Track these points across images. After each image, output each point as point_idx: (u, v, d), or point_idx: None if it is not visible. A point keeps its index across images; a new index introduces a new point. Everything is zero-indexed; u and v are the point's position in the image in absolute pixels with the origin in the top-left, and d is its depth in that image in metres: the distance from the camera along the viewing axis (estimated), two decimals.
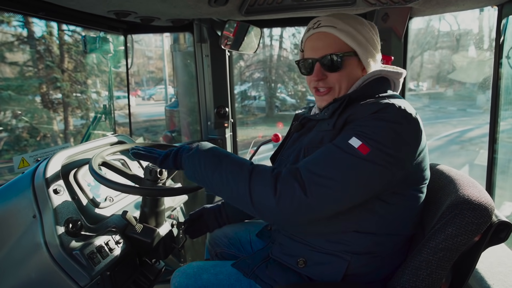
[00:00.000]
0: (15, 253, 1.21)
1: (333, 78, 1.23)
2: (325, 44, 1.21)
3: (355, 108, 1.13)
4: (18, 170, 1.75)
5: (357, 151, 1.03)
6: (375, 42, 1.25)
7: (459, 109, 15.22)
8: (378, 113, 1.07)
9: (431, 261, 1.07)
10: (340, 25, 1.19)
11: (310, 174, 1.03)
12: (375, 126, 1.05)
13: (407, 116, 1.08)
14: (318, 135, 1.19)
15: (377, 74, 1.23)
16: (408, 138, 1.07)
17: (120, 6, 1.79)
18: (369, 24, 1.26)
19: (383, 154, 1.03)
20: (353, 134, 1.06)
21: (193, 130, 3.17)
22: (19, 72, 9.06)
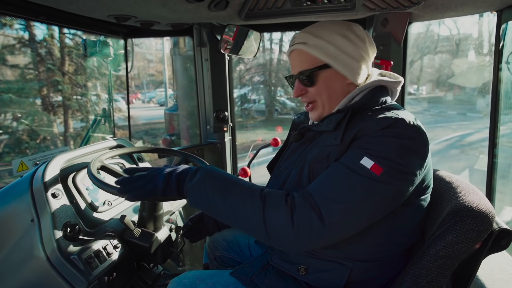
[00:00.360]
0: (12, 257, 1.20)
1: (312, 93, 1.24)
2: (299, 61, 1.24)
3: (363, 122, 1.11)
4: (17, 173, 1.75)
5: (370, 172, 1.01)
6: (357, 50, 1.20)
7: (459, 113, 15.23)
8: (388, 129, 1.05)
9: (431, 268, 1.06)
10: (311, 40, 1.20)
11: (326, 202, 1.01)
12: (386, 143, 1.04)
13: (417, 131, 1.07)
14: (324, 151, 1.16)
15: (376, 84, 1.22)
16: (419, 152, 1.07)
17: (120, 11, 1.79)
18: (353, 31, 1.22)
19: (397, 172, 1.02)
20: (364, 153, 1.04)
21: (193, 134, 3.16)
22: (20, 75, 9.07)
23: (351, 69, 1.20)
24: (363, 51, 1.21)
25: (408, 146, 1.04)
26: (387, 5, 1.86)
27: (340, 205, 1.00)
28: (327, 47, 1.19)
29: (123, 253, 1.34)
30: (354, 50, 1.19)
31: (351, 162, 1.04)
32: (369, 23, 2.20)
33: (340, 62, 1.19)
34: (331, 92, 1.22)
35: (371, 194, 1.01)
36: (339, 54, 1.19)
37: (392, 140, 1.04)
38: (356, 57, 1.20)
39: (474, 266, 1.10)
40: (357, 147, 1.07)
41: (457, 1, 1.68)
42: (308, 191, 1.06)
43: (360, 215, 1.02)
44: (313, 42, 1.20)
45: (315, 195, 1.03)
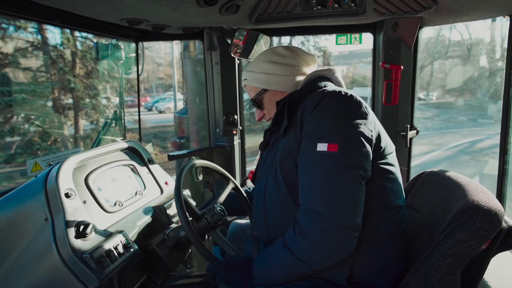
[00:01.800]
0: (26, 255, 1.23)
1: (266, 112, 1.50)
2: (248, 93, 1.54)
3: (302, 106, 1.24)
4: (31, 173, 1.78)
5: (329, 153, 1.12)
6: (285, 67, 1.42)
7: (469, 119, 15.05)
8: (319, 106, 1.18)
9: (441, 266, 1.07)
10: (248, 75, 1.49)
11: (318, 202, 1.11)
12: (324, 120, 1.17)
13: (344, 97, 1.19)
14: (286, 145, 1.27)
15: (311, 75, 1.40)
16: (356, 114, 1.17)
17: (132, 15, 1.82)
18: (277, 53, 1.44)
19: (349, 139, 1.14)
20: (314, 140, 1.15)
21: (202, 137, 3.18)
22: (32, 77, 9.22)
23: (285, 84, 1.42)
24: (291, 64, 1.43)
25: (342, 112, 1.17)
26: (397, 9, 1.86)
27: (328, 197, 1.10)
28: (258, 77, 1.45)
29: (135, 254, 1.36)
30: (282, 69, 1.42)
31: (311, 155, 1.16)
32: (379, 27, 2.21)
33: (272, 83, 1.43)
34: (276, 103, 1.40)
35: (342, 170, 1.11)
36: (269, 78, 1.43)
37: (327, 115, 1.17)
38: (286, 73, 1.42)
39: (483, 265, 1.11)
40: (306, 136, 1.19)
41: (469, 5, 1.67)
42: (302, 204, 1.17)
43: (349, 191, 1.11)
44: (249, 76, 1.48)
45: (307, 204, 1.14)
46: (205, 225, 1.44)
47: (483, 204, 1.08)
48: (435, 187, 1.40)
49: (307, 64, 1.46)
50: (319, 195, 1.11)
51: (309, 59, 1.47)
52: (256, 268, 1.25)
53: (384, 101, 2.24)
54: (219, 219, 1.44)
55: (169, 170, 2.46)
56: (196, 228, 1.37)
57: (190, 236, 1.31)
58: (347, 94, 1.20)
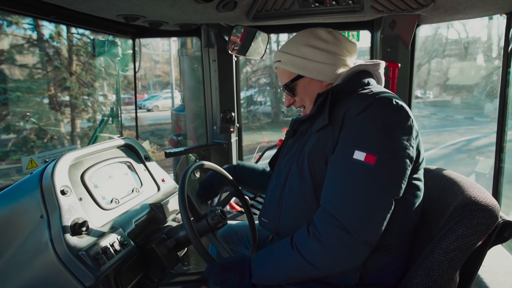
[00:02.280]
0: (22, 253, 1.22)
1: (298, 100, 1.40)
2: (280, 77, 1.42)
3: (346, 104, 1.17)
4: (27, 170, 1.77)
5: (366, 164, 1.06)
6: (326, 54, 1.30)
7: (466, 118, 15.11)
8: (367, 111, 1.11)
9: (443, 261, 1.10)
10: (282, 57, 1.36)
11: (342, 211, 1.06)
12: (368, 128, 1.10)
13: (395, 108, 1.12)
14: (320, 139, 1.21)
15: (355, 69, 1.30)
16: (402, 128, 1.11)
17: (129, 10, 1.81)
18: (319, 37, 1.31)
19: (389, 153, 1.08)
20: (353, 147, 1.09)
21: (199, 134, 3.18)
22: (28, 74, 9.17)
23: (324, 73, 1.31)
24: (334, 52, 1.31)
25: (389, 124, 1.10)
26: (395, 7, 1.86)
27: (354, 208, 1.05)
28: (296, 61, 1.33)
29: (131, 251, 1.36)
30: (322, 55, 1.30)
31: (346, 161, 1.10)
32: (377, 25, 2.20)
33: (310, 70, 1.31)
34: (312, 97, 1.33)
35: (375, 184, 1.06)
36: (307, 64, 1.31)
37: (372, 123, 1.10)
38: (326, 61, 1.30)
39: (479, 259, 1.14)
40: (345, 140, 1.13)
41: (466, 3, 1.67)
42: (323, 207, 1.11)
43: (378, 207, 1.06)
44: (284, 59, 1.35)
45: (329, 209, 1.08)
46: (205, 226, 1.43)
47: (480, 200, 1.11)
48: (429, 184, 1.42)
49: (349, 54, 1.34)
50: (345, 203, 1.06)
51: (351, 48, 1.35)
52: (256, 268, 1.21)
53: None
54: (219, 221, 1.43)
55: (166, 168, 2.45)
56: (195, 228, 1.35)
57: (191, 238, 1.29)
58: (398, 104, 1.12)
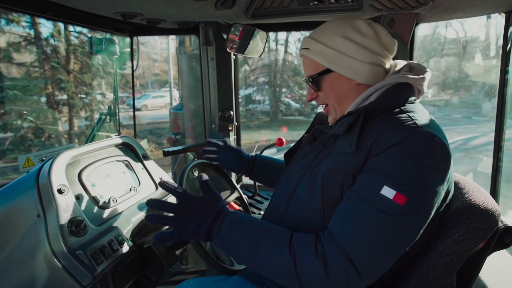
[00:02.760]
0: (18, 252, 1.21)
1: (321, 96, 1.23)
2: (305, 66, 1.24)
3: (378, 127, 1.05)
4: (23, 169, 1.76)
5: (394, 204, 0.94)
6: (361, 50, 1.14)
7: (464, 117, 15.15)
8: (403, 145, 0.98)
9: (438, 265, 1.07)
10: (312, 45, 1.18)
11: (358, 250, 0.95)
12: (404, 164, 0.97)
13: (437, 145, 0.99)
14: (340, 161, 1.08)
15: (394, 81, 1.14)
16: (440, 169, 1.00)
17: (126, 8, 1.80)
18: (357, 30, 1.15)
19: (421, 196, 0.97)
20: (383, 181, 0.96)
21: (197, 133, 3.17)
22: (25, 73, 9.14)
23: (355, 70, 1.14)
24: (371, 49, 1.14)
25: (427, 164, 0.97)
26: (394, 5, 1.85)
27: (373, 250, 0.95)
28: (327, 52, 1.15)
29: (129, 250, 1.35)
30: (357, 51, 1.13)
31: (371, 194, 0.97)
32: None
33: (341, 66, 1.14)
34: (338, 95, 1.19)
35: (399, 228, 0.96)
36: (339, 57, 1.14)
37: (409, 161, 0.96)
38: (360, 58, 1.13)
39: (478, 264, 1.11)
40: (374, 172, 1.00)
41: (465, 2, 1.67)
42: (336, 238, 0.98)
43: (395, 251, 0.98)
44: (314, 47, 1.18)
45: (343, 242, 0.96)
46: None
47: (480, 204, 1.08)
48: None
49: (388, 54, 1.18)
50: (361, 241, 0.95)
51: (391, 47, 1.18)
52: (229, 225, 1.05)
53: None
54: None
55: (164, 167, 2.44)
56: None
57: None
58: (440, 142, 1.00)
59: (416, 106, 1.14)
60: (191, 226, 1.06)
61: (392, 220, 0.94)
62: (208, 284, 1.23)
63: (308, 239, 1.01)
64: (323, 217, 1.10)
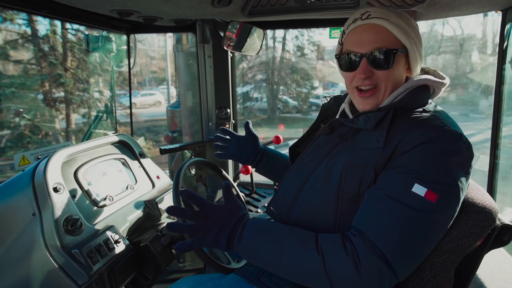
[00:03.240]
0: (13, 251, 1.21)
1: (380, 76, 1.11)
2: (376, 37, 1.09)
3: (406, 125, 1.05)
4: (19, 167, 1.75)
5: (425, 201, 0.95)
6: (421, 43, 1.16)
7: (461, 114, 15.19)
8: (434, 143, 0.98)
9: (435, 263, 1.07)
10: (393, 18, 1.09)
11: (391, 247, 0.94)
12: (434, 161, 0.98)
13: (463, 143, 1.01)
14: (362, 156, 1.07)
15: (420, 83, 1.15)
16: (465, 166, 1.01)
17: (123, 6, 1.79)
18: (415, 23, 1.15)
19: (450, 194, 0.98)
20: (413, 178, 0.96)
21: (194, 131, 3.17)
22: (22, 70, 9.10)
23: (418, 60, 1.15)
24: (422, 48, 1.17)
25: (455, 162, 0.99)
26: (391, 3, 1.85)
27: (406, 247, 0.95)
28: (409, 31, 1.10)
29: (126, 249, 1.35)
30: (421, 43, 1.15)
31: (401, 191, 0.97)
32: None
33: (415, 50, 1.12)
34: (397, 80, 1.14)
35: (430, 225, 0.96)
36: (416, 42, 1.12)
37: (439, 159, 0.98)
38: (421, 51, 1.15)
39: (476, 261, 1.12)
40: (403, 170, 0.99)
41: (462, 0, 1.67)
42: (367, 236, 0.97)
43: (426, 247, 0.98)
44: (396, 21, 1.09)
45: (375, 240, 0.95)
46: None
47: (478, 202, 1.08)
48: None
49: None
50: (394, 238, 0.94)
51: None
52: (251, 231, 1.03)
53: None
54: None
55: (161, 164, 2.44)
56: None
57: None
58: (466, 141, 1.01)
59: (438, 107, 1.16)
60: (212, 233, 1.04)
61: (424, 217, 0.95)
62: (205, 282, 1.23)
63: (334, 238, 1.00)
64: (336, 209, 1.09)
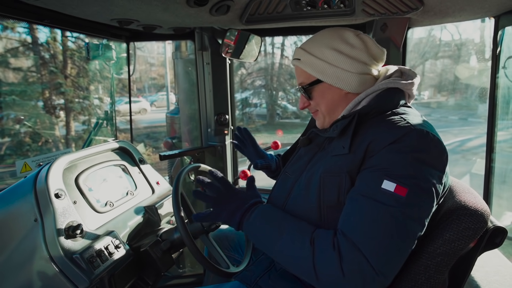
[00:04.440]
0: (16, 257, 1.23)
1: (313, 104, 1.28)
2: (297, 75, 1.29)
3: (372, 130, 1.09)
4: (20, 174, 1.77)
5: (395, 195, 0.98)
6: (350, 60, 1.18)
7: (460, 118, 15.23)
8: (401, 143, 1.02)
9: (429, 266, 1.09)
10: (303, 56, 1.24)
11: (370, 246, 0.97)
12: (401, 159, 1.01)
13: (431, 141, 1.04)
14: (337, 162, 1.12)
15: (384, 87, 1.19)
16: (435, 164, 1.04)
17: (123, 15, 1.82)
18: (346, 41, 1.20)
19: (420, 189, 1.00)
20: (382, 176, 1.01)
21: (193, 137, 3.18)
22: (23, 78, 9.13)
23: (344, 81, 1.19)
24: (360, 59, 1.19)
25: (424, 159, 1.02)
26: (386, 10, 1.88)
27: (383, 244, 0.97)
28: (317, 63, 1.21)
29: (126, 254, 1.37)
30: (346, 62, 1.18)
31: (373, 190, 1.01)
32: (368, 28, 2.23)
33: (331, 76, 1.20)
34: (328, 104, 1.24)
35: (402, 219, 0.98)
36: (329, 68, 1.19)
37: (406, 156, 1.01)
38: (349, 68, 1.18)
39: (469, 264, 1.14)
40: (373, 169, 1.04)
41: (455, 7, 1.70)
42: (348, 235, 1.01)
43: (404, 243, 0.99)
44: (305, 58, 1.23)
45: (355, 239, 0.99)
46: (199, 228, 1.44)
47: (470, 205, 1.10)
48: None
49: (376, 63, 1.23)
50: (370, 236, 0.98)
51: (379, 55, 1.23)
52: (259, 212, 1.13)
53: None
54: (213, 223, 1.44)
55: (161, 171, 2.46)
56: (189, 230, 1.34)
57: (185, 240, 1.28)
58: (434, 137, 1.05)
59: (408, 109, 1.19)
60: (229, 208, 1.16)
61: (396, 212, 0.97)
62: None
63: (328, 233, 1.04)
64: (320, 218, 1.12)
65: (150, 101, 21.31)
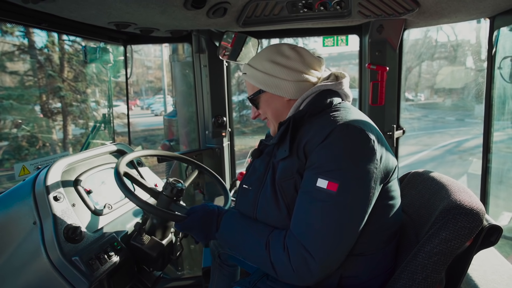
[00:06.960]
0: (15, 259, 1.22)
1: (261, 113, 1.41)
2: (247, 88, 1.43)
3: (308, 132, 1.19)
4: (19, 177, 1.77)
5: (328, 192, 1.08)
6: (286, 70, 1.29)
7: (457, 119, 15.28)
8: (327, 140, 1.12)
9: (427, 265, 1.10)
10: (248, 70, 1.37)
11: (308, 238, 1.09)
12: (329, 155, 1.11)
13: (355, 132, 1.12)
14: (286, 167, 1.21)
15: (316, 90, 1.29)
16: (364, 152, 1.11)
17: (120, 18, 1.83)
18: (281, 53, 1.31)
19: (351, 180, 1.09)
20: (316, 174, 1.11)
21: (191, 139, 3.19)
22: (20, 82, 9.11)
23: (284, 89, 1.31)
24: (296, 69, 1.30)
25: (349, 150, 1.10)
26: (382, 12, 1.90)
27: (320, 236, 1.08)
28: (259, 75, 1.33)
29: (124, 256, 1.37)
30: (284, 72, 1.30)
31: (310, 188, 1.12)
32: (365, 29, 2.24)
33: (271, 86, 1.31)
34: (274, 111, 1.36)
35: (340, 211, 1.08)
36: (269, 79, 1.31)
37: (333, 151, 1.10)
38: (288, 78, 1.30)
39: (466, 262, 1.15)
40: (310, 168, 1.14)
41: (450, 8, 1.72)
42: (292, 231, 1.14)
43: (343, 233, 1.09)
44: (250, 72, 1.36)
45: (297, 234, 1.11)
46: (165, 199, 1.41)
47: (465, 204, 1.12)
48: (419, 187, 1.43)
49: (312, 70, 1.33)
50: (309, 229, 1.09)
51: (315, 64, 1.34)
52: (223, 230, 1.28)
53: (371, 102, 2.28)
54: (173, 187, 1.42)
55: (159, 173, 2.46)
56: (158, 205, 1.39)
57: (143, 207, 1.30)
58: (357, 128, 1.12)
59: (342, 106, 1.27)
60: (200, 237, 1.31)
61: (330, 206, 1.08)
62: None
63: (280, 235, 1.16)
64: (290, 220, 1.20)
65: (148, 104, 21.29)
